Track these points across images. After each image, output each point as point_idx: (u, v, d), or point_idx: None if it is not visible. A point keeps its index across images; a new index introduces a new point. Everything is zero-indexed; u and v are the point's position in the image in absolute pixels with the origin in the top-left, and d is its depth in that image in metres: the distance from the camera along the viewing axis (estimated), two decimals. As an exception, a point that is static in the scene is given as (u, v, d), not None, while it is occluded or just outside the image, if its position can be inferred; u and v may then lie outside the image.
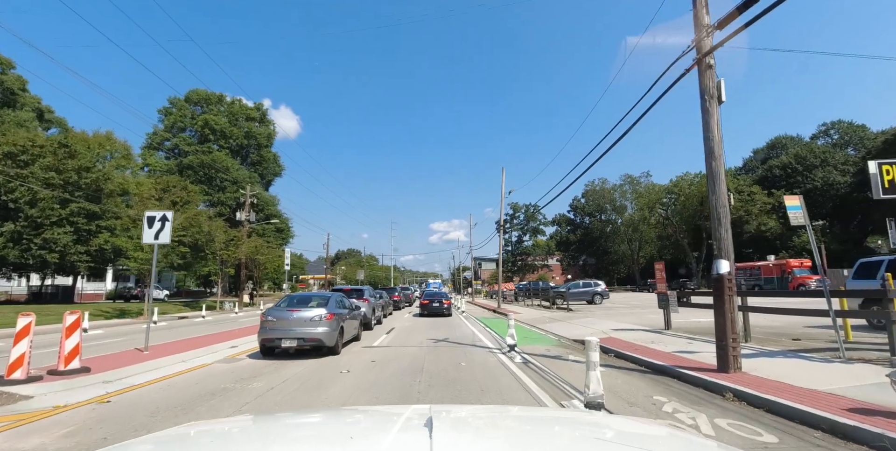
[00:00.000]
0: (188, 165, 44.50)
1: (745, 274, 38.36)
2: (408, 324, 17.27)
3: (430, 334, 13.87)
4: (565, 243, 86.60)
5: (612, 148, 11.56)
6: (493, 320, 18.88)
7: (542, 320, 16.75)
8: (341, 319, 10.54)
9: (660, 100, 8.66)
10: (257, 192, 40.48)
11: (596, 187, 76.99)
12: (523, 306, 27.10)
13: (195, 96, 50.87)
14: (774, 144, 68.06)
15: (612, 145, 11.31)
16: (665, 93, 8.40)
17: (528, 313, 20.68)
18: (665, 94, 8.51)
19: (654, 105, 8.83)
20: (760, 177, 62.47)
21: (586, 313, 19.59)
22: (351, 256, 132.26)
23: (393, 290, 29.44)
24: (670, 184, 61.97)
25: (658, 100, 8.67)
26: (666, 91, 8.36)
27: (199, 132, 47.87)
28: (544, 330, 13.91)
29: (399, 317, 22.07)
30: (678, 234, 63.63)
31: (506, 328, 11.00)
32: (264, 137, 55.26)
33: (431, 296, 23.75)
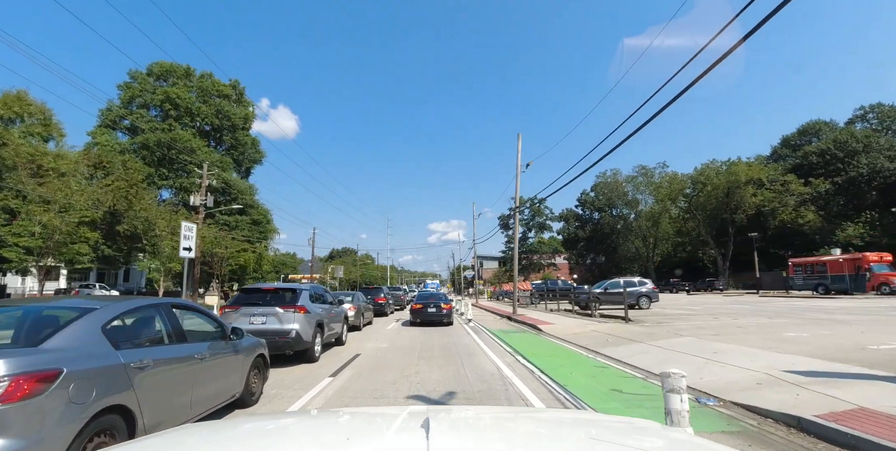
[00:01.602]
0: (143, 143, 38.07)
1: (805, 271, 32.06)
2: (384, 345, 10.88)
3: (417, 369, 7.54)
4: (573, 239, 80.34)
5: (648, 123, 8.36)
6: (519, 337, 12.58)
7: (602, 342, 10.46)
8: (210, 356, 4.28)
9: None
10: (217, 172, 34.00)
11: (608, 179, 70.74)
12: (546, 312, 20.77)
13: (158, 69, 44.47)
14: (806, 129, 61.93)
15: (649, 120, 8.29)
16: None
17: (564, 325, 14.38)
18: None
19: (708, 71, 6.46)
20: (794, 165, 56.34)
21: (658, 324, 13.22)
22: (346, 255, 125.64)
23: (376, 290, 23.10)
24: (695, 172, 55.77)
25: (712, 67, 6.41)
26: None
27: (159, 108, 41.38)
28: (632, 366, 7.55)
29: (379, 329, 15.75)
30: (701, 228, 57.36)
31: (554, 358, 7.39)
32: (240, 119, 48.83)
33: (426, 299, 17.35)
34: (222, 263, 31.54)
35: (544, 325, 14.32)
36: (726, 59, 6.29)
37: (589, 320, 15.48)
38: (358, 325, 14.38)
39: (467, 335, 12.81)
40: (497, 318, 20.19)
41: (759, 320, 13.31)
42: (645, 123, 8.56)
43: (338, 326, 9.88)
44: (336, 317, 9.79)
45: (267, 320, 7.46)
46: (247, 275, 66.46)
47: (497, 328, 14.80)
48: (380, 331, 14.63)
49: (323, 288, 9.70)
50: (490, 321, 18.18)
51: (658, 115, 8.17)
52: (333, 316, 9.53)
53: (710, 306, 21.02)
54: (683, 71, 7.32)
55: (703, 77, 6.87)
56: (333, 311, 9.67)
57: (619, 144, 10.00)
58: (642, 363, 7.47)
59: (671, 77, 7.60)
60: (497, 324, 16.83)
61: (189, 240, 10.12)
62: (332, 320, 9.41)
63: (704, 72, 6.81)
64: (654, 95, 8.36)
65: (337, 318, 9.84)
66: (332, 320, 9.41)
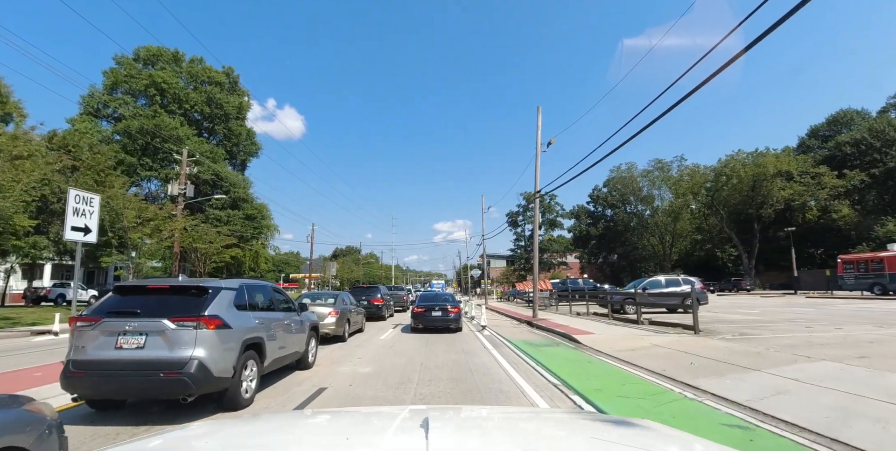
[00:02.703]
0: (125, 130, 35.12)
1: (857, 269, 28.45)
2: (367, 369, 7.56)
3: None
4: (584, 237, 76.75)
5: (669, 111, 8.14)
6: (555, 354, 9.38)
7: (684, 367, 7.32)
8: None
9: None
10: (206, 163, 30.95)
11: (622, 174, 67.12)
12: (572, 316, 17.49)
13: (145, 53, 41.59)
14: (836, 119, 58.03)
15: (671, 108, 8.05)
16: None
17: (608, 335, 11.15)
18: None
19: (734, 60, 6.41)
20: (826, 156, 52.52)
21: (742, 337, 9.93)
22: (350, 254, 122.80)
23: (372, 290, 19.89)
24: (719, 164, 52.09)
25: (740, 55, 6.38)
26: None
27: (143, 93, 38.42)
28: (792, 425, 4.26)
29: (371, 338, 12.59)
30: (724, 225, 53.68)
31: (636, 401, 4.88)
32: (233, 108, 45.78)
33: (430, 301, 14.35)
34: (205, 260, 28.48)
35: (581, 334, 11.05)
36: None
37: (636, 328, 12.16)
38: (341, 334, 11.19)
39: (484, 351, 9.53)
40: (514, 323, 16.92)
41: (878, 332, 9.95)
42: (667, 110, 8.03)
43: (296, 343, 6.69)
44: (293, 331, 6.59)
45: (146, 343, 4.27)
46: (242, 274, 63.75)
47: (520, 339, 11.52)
48: (370, 342, 11.40)
49: (272, 286, 6.47)
50: (507, 328, 14.91)
51: (679, 103, 7.86)
52: (288, 330, 6.33)
53: (768, 310, 17.63)
54: (696, 65, 7.32)
55: (725, 68, 6.66)
56: (290, 321, 6.46)
57: (636, 133, 9.24)
58: (807, 418, 4.20)
59: (688, 69, 7.47)
60: (518, 332, 13.55)
61: (86, 217, 6.92)
62: (286, 337, 6.23)
63: (730, 61, 6.48)
64: (671, 87, 8.24)
65: (295, 332, 6.64)
66: (286, 337, 6.23)
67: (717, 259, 66.82)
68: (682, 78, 7.86)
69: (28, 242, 18.23)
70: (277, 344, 5.88)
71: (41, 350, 9.84)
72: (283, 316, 6.33)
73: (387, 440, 1.18)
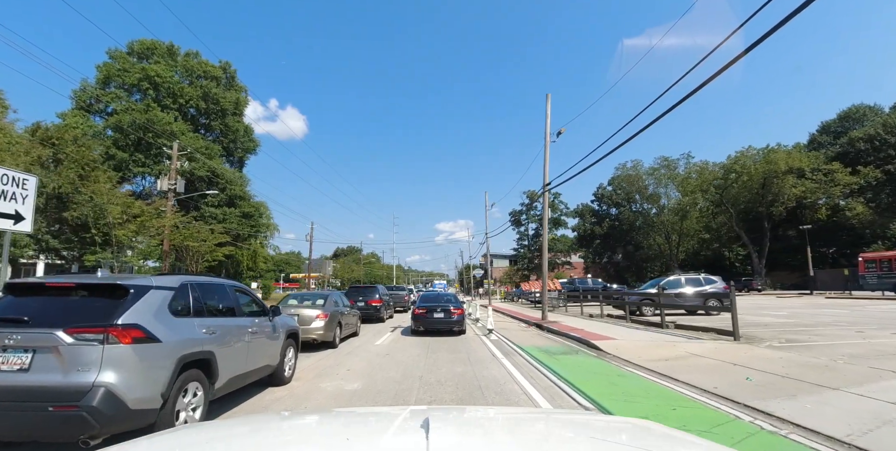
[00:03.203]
0: (116, 125, 33.97)
1: (880, 268, 27.09)
2: (355, 385, 6.24)
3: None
4: (589, 236, 75.42)
5: (679, 105, 7.96)
6: (576, 364, 8.19)
7: (740, 383, 6.11)
8: None
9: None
10: (189, 152, 29.75)
11: (628, 171, 65.75)
12: (585, 318, 16.24)
13: (139, 47, 40.41)
14: (848, 115, 56.66)
15: (682, 101, 7.82)
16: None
17: (632, 341, 9.94)
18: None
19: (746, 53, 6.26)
20: (838, 153, 51.10)
21: (790, 344, 8.65)
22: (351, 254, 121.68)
23: (369, 290, 18.70)
24: (728, 161, 50.71)
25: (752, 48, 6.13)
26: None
27: (137, 87, 37.27)
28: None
29: (366, 343, 11.40)
30: (734, 223, 52.30)
31: None
32: (230, 103, 44.57)
33: (431, 301, 13.53)
34: (197, 258, 27.25)
35: (600, 340, 9.80)
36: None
37: (662, 333, 10.89)
38: (331, 340, 9.95)
39: (494, 361, 8.27)
40: (522, 326, 15.66)
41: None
42: (675, 105, 7.95)
43: (267, 355, 5.46)
44: (263, 340, 5.36)
45: (31, 363, 3.05)
46: (240, 274, 62.57)
47: (533, 345, 10.26)
48: (364, 349, 10.17)
49: (232, 285, 5.21)
50: (516, 331, 13.65)
51: (686, 99, 7.77)
52: (254, 339, 5.10)
53: (797, 312, 16.35)
54: (702, 62, 7.17)
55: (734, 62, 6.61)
56: (257, 329, 5.23)
57: (644, 127, 9.10)
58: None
59: (694, 66, 7.36)
60: (528, 336, 12.29)
61: (17, 201, 5.71)
62: (252, 348, 5.00)
63: (741, 54, 6.44)
64: (678, 82, 8.16)
65: (265, 342, 5.41)
66: (252, 348, 5.00)
67: (725, 259, 65.51)
68: (688, 74, 7.64)
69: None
70: (238, 358, 4.66)
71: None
72: (249, 323, 5.09)
73: (387, 440, 1.17)
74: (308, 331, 9.47)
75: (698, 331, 10.68)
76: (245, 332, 4.89)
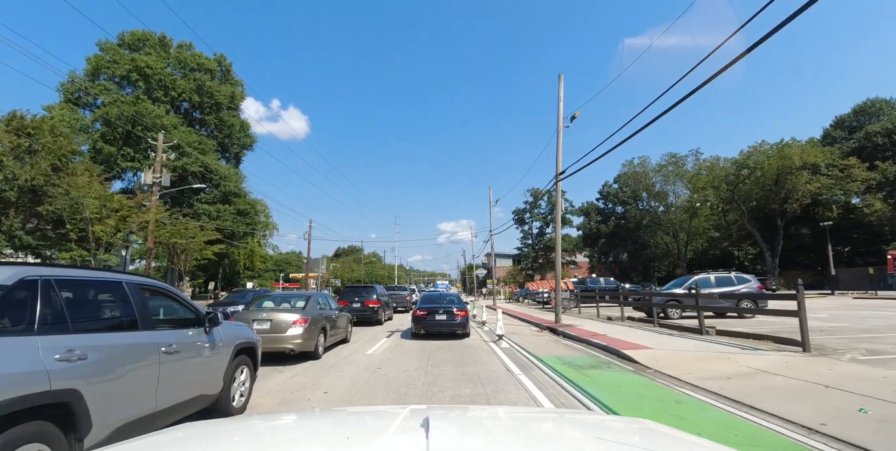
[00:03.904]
0: (103, 117, 32.48)
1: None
2: None
3: None
4: (594, 235, 73.74)
5: (688, 97, 7.90)
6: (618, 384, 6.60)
7: (882, 424, 4.15)
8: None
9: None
10: (176, 142, 28.23)
11: (635, 168, 64.04)
12: (602, 322, 14.65)
13: (130, 38, 38.97)
14: (863, 109, 54.81)
15: (692, 93, 7.68)
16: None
17: (673, 350, 8.44)
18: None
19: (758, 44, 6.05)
20: (854, 147, 49.33)
21: (878, 358, 6.99)
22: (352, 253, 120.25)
23: (366, 291, 17.22)
24: (741, 156, 48.91)
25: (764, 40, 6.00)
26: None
27: (126, 78, 35.79)
28: None
29: (356, 353, 9.89)
30: (745, 221, 50.48)
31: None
32: (225, 97, 43.08)
33: (433, 302, 12.67)
34: (186, 256, 25.71)
35: (632, 349, 8.21)
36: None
37: (703, 340, 9.26)
38: (311, 350, 8.37)
39: (509, 378, 6.67)
40: (534, 330, 14.04)
41: None
42: (684, 97, 7.90)
43: (199, 381, 3.89)
44: (193, 361, 3.79)
45: None
46: (238, 274, 61.08)
47: (551, 355, 8.65)
48: (352, 360, 8.58)
49: (137, 282, 3.58)
50: (527, 337, 12.04)
51: (696, 91, 7.58)
52: (174, 361, 3.52)
53: (837, 314, 14.71)
54: (710, 56, 7.20)
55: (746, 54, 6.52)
56: (180, 346, 3.61)
57: (655, 118, 8.87)
58: None
59: (703, 59, 7.19)
60: (543, 343, 10.68)
61: None
62: (170, 374, 3.44)
63: (754, 45, 6.19)
64: (686, 76, 7.97)
65: (196, 363, 3.83)
66: (170, 374, 3.44)
67: (734, 258, 63.84)
68: (699, 65, 7.47)
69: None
70: (136, 393, 3.09)
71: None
72: (163, 338, 3.50)
73: (387, 439, 1.17)
74: (283, 340, 7.91)
75: (748, 338, 9.06)
76: (153, 352, 3.30)
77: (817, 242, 55.02)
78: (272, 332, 8.00)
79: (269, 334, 7.99)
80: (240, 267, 55.49)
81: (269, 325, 8.06)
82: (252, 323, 8.08)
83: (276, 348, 8.00)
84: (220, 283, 61.61)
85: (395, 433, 1.21)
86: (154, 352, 3.31)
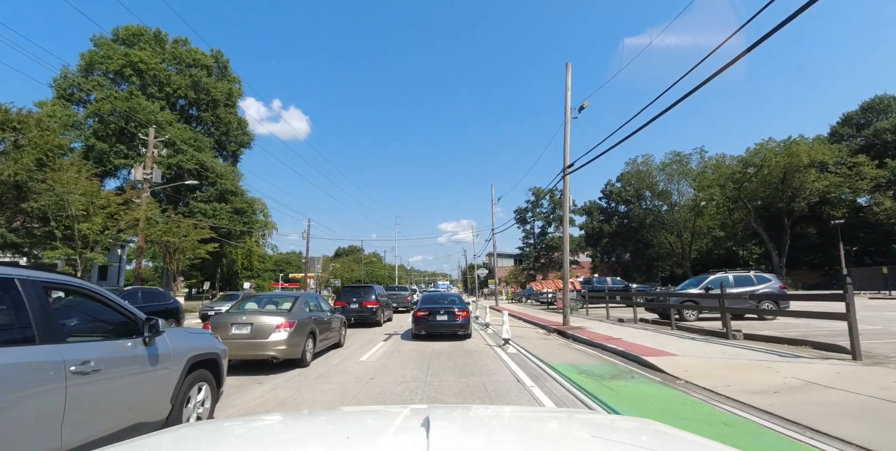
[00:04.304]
0: (95, 113, 31.69)
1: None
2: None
3: None
4: (597, 235, 72.86)
5: (697, 90, 7.61)
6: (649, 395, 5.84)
7: None
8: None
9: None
10: (167, 137, 27.44)
11: (639, 166, 63.10)
12: (614, 323, 13.81)
13: (124, 33, 38.18)
14: (871, 106, 53.88)
15: (702, 85, 7.43)
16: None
17: (704, 360, 7.67)
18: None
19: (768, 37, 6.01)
20: (863, 145, 48.43)
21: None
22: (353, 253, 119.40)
23: (365, 291, 16.49)
24: (748, 154, 48.01)
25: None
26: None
27: (119, 73, 34.99)
28: None
29: (347, 360, 9.11)
30: (751, 220, 49.55)
31: None
32: (222, 94, 42.29)
33: (434, 303, 12.47)
34: (178, 255, 24.86)
35: (655, 356, 7.36)
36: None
37: (732, 346, 8.39)
38: (298, 357, 7.54)
39: (521, 391, 5.81)
40: (541, 333, 13.18)
41: None
42: (695, 88, 7.58)
43: (133, 408, 3.05)
44: (119, 383, 2.93)
45: None
46: (236, 274, 60.24)
47: (564, 362, 7.80)
48: (342, 368, 7.75)
49: (43, 281, 2.74)
50: (536, 341, 11.19)
51: (706, 83, 7.33)
52: (91, 384, 2.68)
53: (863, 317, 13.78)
54: (717, 49, 7.04)
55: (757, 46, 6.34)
56: (92, 365, 2.73)
57: (661, 112, 8.36)
58: None
59: (715, 49, 7.00)
60: (553, 348, 9.82)
61: None
62: (83, 404, 2.59)
63: (761, 38, 6.09)
64: (693, 70, 7.76)
65: (127, 385, 2.99)
66: (83, 404, 2.59)
67: (739, 258, 62.92)
68: (700, 65, 7.41)
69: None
70: (25, 425, 2.25)
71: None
72: (76, 354, 2.62)
73: (387, 438, 1.14)
74: (264, 346, 7.07)
75: (782, 344, 8.20)
76: (56, 373, 2.45)
77: (824, 241, 54.03)
78: (253, 337, 7.17)
79: (250, 339, 7.16)
80: (238, 267, 54.67)
81: (249, 329, 7.22)
82: (231, 327, 7.25)
83: (258, 356, 7.17)
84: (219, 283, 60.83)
85: (396, 432, 1.18)
86: (57, 373, 2.46)
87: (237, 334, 7.21)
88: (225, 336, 7.14)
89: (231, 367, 7.76)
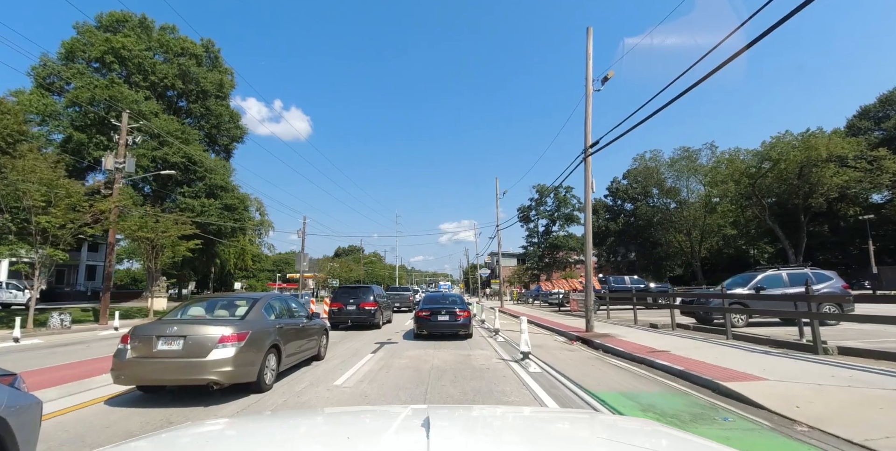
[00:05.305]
0: (73, 102, 29.70)
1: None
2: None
3: None
4: (602, 233, 70.89)
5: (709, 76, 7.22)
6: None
7: None
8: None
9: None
10: (142, 123, 25.45)
11: (646, 162, 61.02)
12: (645, 330, 11.86)
13: (107, 20, 36.20)
14: (889, 98, 51.84)
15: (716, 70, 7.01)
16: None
17: (814, 389, 5.76)
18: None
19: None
20: (883, 138, 46.41)
21: None
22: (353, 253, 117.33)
23: (363, 291, 15.20)
24: (763, 147, 45.94)
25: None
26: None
27: (100, 60, 32.99)
28: None
29: (325, 377, 7.05)
30: (766, 217, 47.46)
31: None
32: (213, 85, 40.19)
33: (435, 303, 12.33)
34: (156, 253, 22.86)
35: (737, 381, 5.37)
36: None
37: (831, 364, 6.37)
38: (252, 380, 5.52)
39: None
40: (561, 341, 11.15)
41: None
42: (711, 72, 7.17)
43: None
44: None
45: None
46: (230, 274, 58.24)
47: (611, 389, 5.77)
48: (311, 393, 5.76)
49: None
50: (557, 352, 9.16)
51: (722, 67, 6.90)
52: None
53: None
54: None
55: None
56: None
57: None
58: None
59: (725, 38, 6.86)
60: (583, 364, 7.80)
61: None
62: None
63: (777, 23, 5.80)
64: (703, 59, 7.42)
65: None
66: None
67: (749, 257, 60.87)
68: (704, 58, 7.07)
69: None
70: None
71: None
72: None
73: (388, 438, 1.14)
74: (201, 367, 5.04)
75: (892, 361, 6.16)
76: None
77: (841, 239, 52.01)
78: (186, 356, 5.14)
79: (181, 358, 5.14)
80: (230, 266, 52.61)
81: (181, 344, 5.19)
82: (156, 341, 5.24)
83: (192, 381, 5.17)
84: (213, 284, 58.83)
85: (396, 432, 1.18)
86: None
87: (164, 350, 5.20)
88: (147, 354, 5.16)
89: (166, 394, 5.73)
